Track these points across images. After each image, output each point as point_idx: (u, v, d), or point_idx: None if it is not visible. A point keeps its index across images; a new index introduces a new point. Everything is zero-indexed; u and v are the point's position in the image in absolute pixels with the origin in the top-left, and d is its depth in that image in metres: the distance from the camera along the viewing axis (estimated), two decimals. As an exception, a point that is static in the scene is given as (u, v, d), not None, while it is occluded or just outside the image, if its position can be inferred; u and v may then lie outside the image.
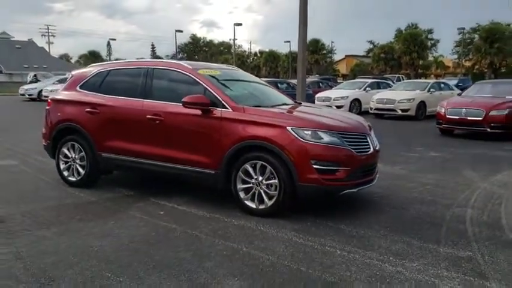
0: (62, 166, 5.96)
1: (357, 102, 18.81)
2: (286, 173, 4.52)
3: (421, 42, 48.85)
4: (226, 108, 4.86)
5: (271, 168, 4.59)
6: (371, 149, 4.97)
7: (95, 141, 5.62)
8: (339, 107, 17.10)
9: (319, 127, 4.63)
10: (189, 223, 4.49)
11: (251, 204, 4.75)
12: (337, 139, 4.59)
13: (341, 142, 4.60)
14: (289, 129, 4.55)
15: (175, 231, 4.27)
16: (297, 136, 4.51)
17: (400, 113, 16.41)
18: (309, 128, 4.58)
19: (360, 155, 4.76)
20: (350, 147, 4.65)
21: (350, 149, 4.64)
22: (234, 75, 6.12)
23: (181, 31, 52.03)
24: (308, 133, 4.53)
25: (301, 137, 4.51)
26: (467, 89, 14.23)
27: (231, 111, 4.83)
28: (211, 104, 4.90)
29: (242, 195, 4.79)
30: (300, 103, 6.29)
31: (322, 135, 4.56)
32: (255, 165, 4.69)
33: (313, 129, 4.57)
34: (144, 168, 5.37)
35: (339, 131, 4.68)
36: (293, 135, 4.52)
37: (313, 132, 4.55)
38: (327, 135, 4.57)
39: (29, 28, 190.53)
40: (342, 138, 4.64)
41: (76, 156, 5.83)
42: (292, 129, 4.55)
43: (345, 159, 4.59)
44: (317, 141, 4.52)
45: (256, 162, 4.67)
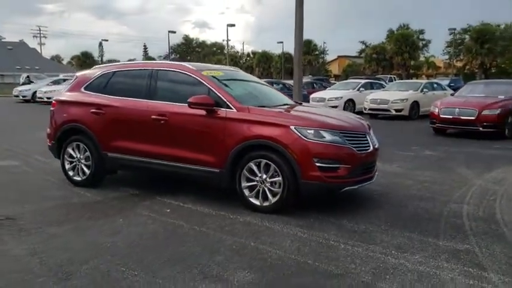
0: (67, 166, 6.06)
1: (351, 102, 19.02)
2: (289, 171, 4.66)
3: (413, 43, 49.26)
4: (231, 109, 5.00)
5: (275, 167, 4.73)
6: (371, 147, 5.14)
7: (100, 141, 5.73)
8: (333, 108, 17.28)
9: (322, 126, 4.79)
10: (196, 220, 4.62)
11: (255, 202, 4.89)
12: (338, 138, 4.75)
13: (342, 141, 4.76)
14: (292, 128, 4.70)
15: (183, 227, 4.40)
16: (300, 135, 4.66)
17: (394, 113, 16.64)
18: (312, 127, 4.73)
19: (360, 153, 4.92)
20: (351, 145, 4.82)
21: (351, 147, 4.80)
22: (236, 76, 6.27)
23: (175, 32, 52.02)
24: (311, 132, 4.69)
25: (304, 136, 4.66)
26: (460, 89, 14.49)
27: (236, 111, 4.97)
28: (216, 104, 5.04)
29: (247, 192, 4.93)
30: (300, 103, 6.45)
31: (324, 134, 4.72)
32: (259, 164, 4.83)
33: (316, 129, 4.73)
34: (151, 167, 5.49)
35: (340, 130, 4.84)
36: (296, 134, 4.67)
37: (316, 131, 4.71)
38: (329, 134, 4.73)
39: (20, 29, 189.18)
40: (344, 137, 4.80)
41: (81, 156, 5.93)
42: (295, 128, 4.70)
43: (346, 157, 4.75)
44: (320, 140, 4.68)
45: (261, 161, 4.82)
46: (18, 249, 3.81)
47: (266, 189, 4.83)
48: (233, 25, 50.29)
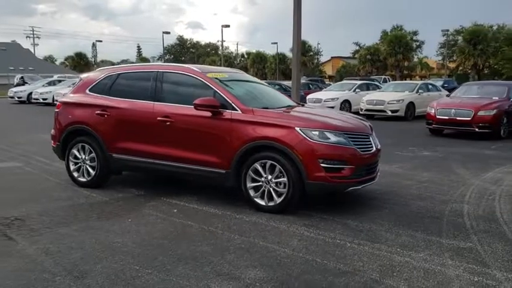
0: (72, 167, 6.11)
1: (347, 103, 19.17)
2: (295, 172, 4.76)
3: (406, 44, 49.54)
4: (236, 110, 5.08)
5: (280, 167, 4.82)
6: (373, 148, 5.25)
7: (105, 142, 5.79)
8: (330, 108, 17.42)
9: (326, 127, 4.89)
10: (204, 220, 4.70)
11: (261, 202, 4.98)
12: (343, 139, 4.85)
13: (347, 142, 4.86)
14: (297, 129, 4.79)
15: (192, 227, 4.48)
16: (306, 136, 4.76)
17: (390, 113, 16.81)
18: (317, 128, 4.83)
19: (364, 154, 5.03)
20: (355, 146, 4.92)
21: (355, 148, 4.90)
22: (240, 77, 6.36)
23: (169, 32, 51.91)
24: (316, 133, 4.78)
25: (309, 137, 4.76)
26: (456, 90, 14.67)
27: (241, 113, 5.06)
28: (221, 106, 5.12)
29: (252, 193, 5.02)
30: (303, 104, 6.55)
31: (329, 135, 4.82)
32: (264, 164, 4.92)
33: (321, 130, 4.83)
34: (156, 168, 5.56)
35: (344, 131, 4.94)
36: (302, 136, 4.76)
37: (321, 132, 4.80)
38: (334, 135, 4.83)
39: (12, 30, 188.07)
40: (348, 138, 4.90)
41: (86, 157, 5.99)
42: (300, 129, 4.79)
43: (350, 158, 4.85)
44: (324, 141, 4.78)
45: (266, 162, 4.90)
46: (32, 249, 3.87)
47: (271, 190, 4.91)
48: (228, 26, 50.23)
